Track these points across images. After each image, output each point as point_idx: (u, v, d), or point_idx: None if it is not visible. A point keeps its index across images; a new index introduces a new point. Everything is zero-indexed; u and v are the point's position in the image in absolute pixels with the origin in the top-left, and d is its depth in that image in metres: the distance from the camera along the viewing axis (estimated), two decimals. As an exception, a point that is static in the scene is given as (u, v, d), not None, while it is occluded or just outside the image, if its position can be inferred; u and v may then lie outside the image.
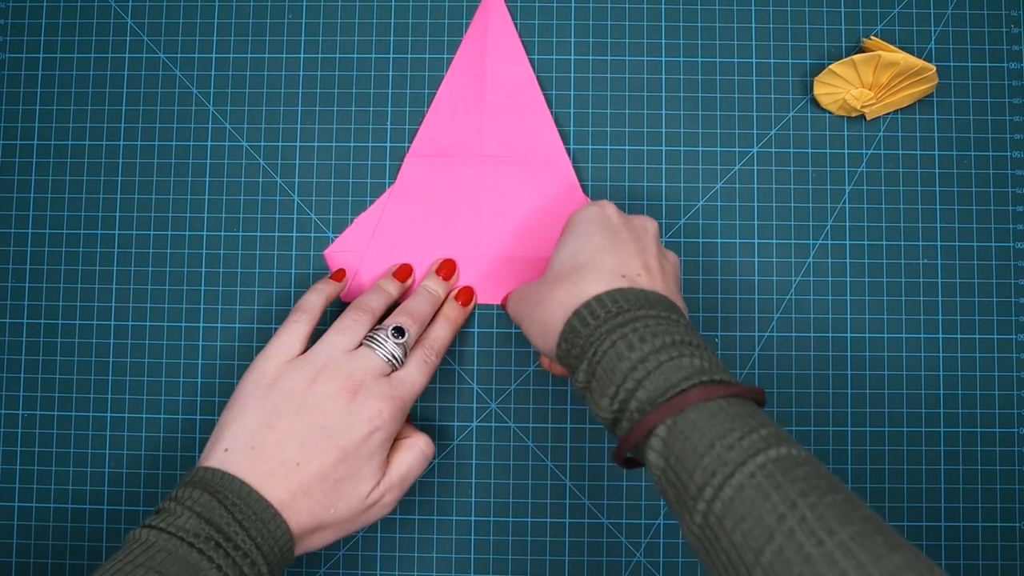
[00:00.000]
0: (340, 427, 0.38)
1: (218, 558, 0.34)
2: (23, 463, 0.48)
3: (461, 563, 0.47)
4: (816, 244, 0.48)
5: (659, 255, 0.40)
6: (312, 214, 0.48)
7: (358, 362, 0.40)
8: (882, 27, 0.49)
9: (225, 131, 0.49)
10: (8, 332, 0.48)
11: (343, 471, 0.38)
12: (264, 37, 0.49)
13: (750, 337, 0.48)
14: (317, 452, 0.38)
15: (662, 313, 0.35)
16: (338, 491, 0.38)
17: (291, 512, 0.37)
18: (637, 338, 0.34)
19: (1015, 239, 0.48)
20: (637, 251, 0.38)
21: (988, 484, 0.47)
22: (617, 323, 0.35)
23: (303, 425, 0.38)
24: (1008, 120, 0.49)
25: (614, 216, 0.40)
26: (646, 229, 0.40)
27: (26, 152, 0.49)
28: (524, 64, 0.48)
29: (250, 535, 0.36)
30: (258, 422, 0.38)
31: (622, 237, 0.39)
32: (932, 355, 0.48)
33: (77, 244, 0.49)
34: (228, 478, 0.37)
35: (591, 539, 0.47)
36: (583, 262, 0.38)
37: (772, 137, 0.49)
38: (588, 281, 0.37)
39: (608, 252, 0.38)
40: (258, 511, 0.36)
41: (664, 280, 0.38)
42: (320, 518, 0.38)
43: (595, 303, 0.36)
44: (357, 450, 0.38)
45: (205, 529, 0.35)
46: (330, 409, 0.39)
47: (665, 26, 0.49)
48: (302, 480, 0.37)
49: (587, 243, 0.39)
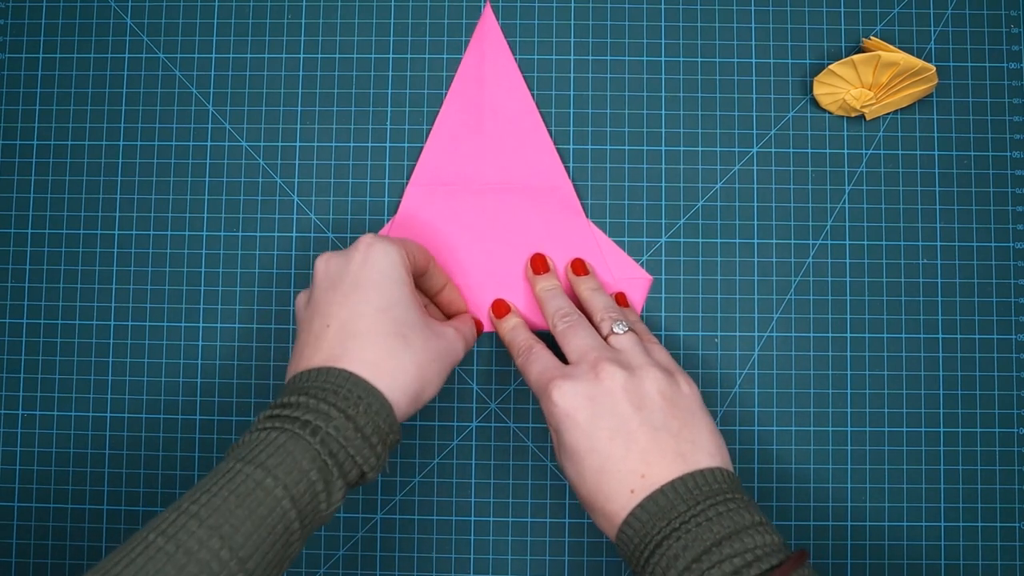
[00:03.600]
0: (339, 273, 0.38)
1: (282, 424, 0.34)
2: (23, 463, 0.48)
3: (461, 563, 0.47)
4: (816, 244, 0.48)
5: (673, 414, 0.37)
6: (312, 214, 0.48)
7: None
8: (882, 27, 0.49)
9: (225, 131, 0.49)
10: (8, 332, 0.48)
11: (374, 299, 0.37)
12: (264, 37, 0.49)
13: (750, 337, 0.48)
14: (337, 305, 0.37)
15: (688, 514, 0.34)
16: (384, 319, 0.37)
17: (348, 358, 0.36)
18: (664, 566, 0.34)
19: (1015, 239, 0.48)
20: (648, 435, 0.36)
21: (988, 484, 0.47)
22: (649, 551, 0.34)
23: (316, 302, 0.38)
24: (1008, 120, 0.49)
25: (610, 397, 0.37)
26: (644, 388, 0.38)
27: (26, 152, 0.49)
28: (523, 90, 0.48)
29: (310, 394, 0.35)
30: (302, 323, 0.39)
31: (624, 420, 0.37)
32: (932, 355, 0.48)
33: (77, 244, 0.49)
34: (292, 379, 0.37)
35: (591, 539, 0.47)
36: (597, 476, 0.36)
37: (772, 137, 0.49)
38: (612, 503, 0.36)
39: (617, 455, 0.36)
40: (311, 378, 0.36)
41: (685, 448, 0.36)
42: (383, 348, 0.36)
43: (628, 530, 0.35)
44: (370, 277, 0.38)
45: (269, 413, 0.35)
46: (327, 275, 0.39)
47: (665, 26, 0.49)
48: (340, 331, 0.37)
49: (591, 447, 0.36)
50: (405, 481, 0.47)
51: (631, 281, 0.48)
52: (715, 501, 0.34)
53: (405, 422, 0.47)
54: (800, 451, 0.47)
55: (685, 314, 0.48)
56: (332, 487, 0.34)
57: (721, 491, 0.35)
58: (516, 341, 0.43)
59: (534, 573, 0.47)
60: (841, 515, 0.47)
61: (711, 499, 0.35)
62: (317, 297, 0.39)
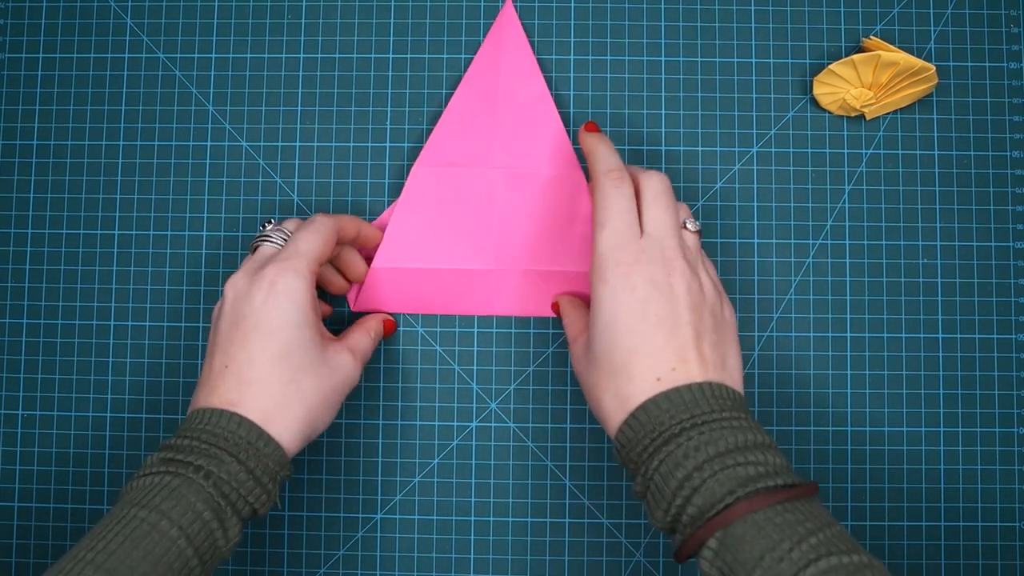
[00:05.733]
0: (244, 312, 0.38)
1: (175, 468, 0.35)
2: (23, 463, 0.48)
3: (461, 563, 0.47)
4: (816, 244, 0.48)
5: (715, 328, 0.37)
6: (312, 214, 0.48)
7: (247, 260, 0.41)
8: (882, 27, 0.49)
9: (225, 131, 0.49)
10: (8, 332, 0.48)
11: (271, 347, 0.38)
12: (264, 37, 0.49)
13: (750, 337, 0.48)
14: (236, 346, 0.38)
15: (711, 416, 0.35)
16: (281, 366, 0.38)
17: (245, 404, 0.37)
18: (682, 454, 0.34)
19: (1015, 239, 0.48)
20: (692, 335, 0.36)
21: (988, 484, 0.47)
22: (664, 439, 0.34)
23: (219, 334, 0.39)
24: (1008, 120, 0.49)
25: (668, 280, 0.37)
26: (703, 296, 0.37)
27: (26, 152, 0.49)
28: (538, 78, 0.48)
29: (202, 439, 0.36)
30: (207, 353, 0.40)
31: (675, 315, 0.36)
32: (932, 355, 0.48)
33: (77, 244, 0.49)
34: (185, 417, 0.38)
35: (591, 539, 0.47)
36: (626, 355, 0.36)
37: (772, 137, 0.49)
38: (633, 384, 0.36)
39: (656, 343, 0.36)
40: (205, 419, 0.37)
41: (717, 360, 0.37)
42: (277, 396, 0.37)
43: (641, 415, 0.35)
44: (271, 321, 0.38)
45: (163, 456, 0.36)
46: (233, 305, 0.39)
47: (665, 26, 0.49)
48: (237, 375, 0.37)
49: (632, 326, 0.36)
50: (405, 481, 0.47)
51: None
52: (735, 415, 0.35)
53: (404, 421, 0.47)
54: (800, 451, 0.47)
55: (685, 314, 0.48)
56: (227, 524, 0.36)
57: (740, 407, 0.36)
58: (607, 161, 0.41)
59: (534, 573, 0.47)
60: (841, 515, 0.47)
61: (732, 411, 0.35)
62: (222, 330, 0.39)
